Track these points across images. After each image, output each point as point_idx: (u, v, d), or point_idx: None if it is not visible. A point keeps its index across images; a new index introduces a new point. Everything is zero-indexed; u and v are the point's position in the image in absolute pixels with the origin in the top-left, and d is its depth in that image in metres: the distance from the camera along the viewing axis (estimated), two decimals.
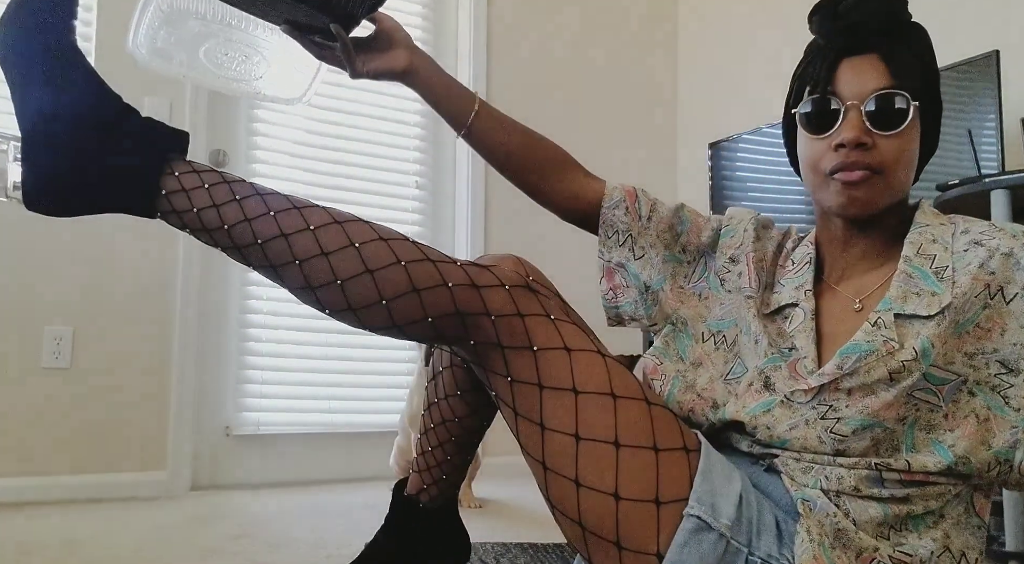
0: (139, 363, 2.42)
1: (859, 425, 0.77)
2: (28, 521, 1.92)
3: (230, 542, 1.68)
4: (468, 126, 1.06)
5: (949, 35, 2.33)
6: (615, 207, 1.04)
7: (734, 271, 0.98)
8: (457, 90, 1.07)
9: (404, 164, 2.99)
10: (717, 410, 0.89)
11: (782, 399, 0.83)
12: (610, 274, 1.06)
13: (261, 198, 0.86)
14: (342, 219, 0.85)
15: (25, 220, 2.31)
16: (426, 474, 1.13)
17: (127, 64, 2.49)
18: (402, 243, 0.85)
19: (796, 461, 0.81)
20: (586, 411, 0.79)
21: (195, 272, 2.51)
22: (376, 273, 0.82)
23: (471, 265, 0.86)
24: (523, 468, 0.87)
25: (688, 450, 0.79)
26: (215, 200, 0.85)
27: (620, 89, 3.40)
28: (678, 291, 1.02)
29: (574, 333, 0.84)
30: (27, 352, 2.29)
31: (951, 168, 2.09)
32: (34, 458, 2.26)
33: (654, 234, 1.03)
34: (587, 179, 1.07)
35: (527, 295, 0.85)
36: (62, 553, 1.57)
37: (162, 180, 0.85)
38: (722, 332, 0.96)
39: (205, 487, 2.52)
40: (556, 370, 0.80)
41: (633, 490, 0.76)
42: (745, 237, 0.99)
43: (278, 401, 2.69)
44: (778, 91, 2.95)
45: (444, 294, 0.82)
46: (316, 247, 0.83)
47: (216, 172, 0.87)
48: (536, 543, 1.65)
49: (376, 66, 1.05)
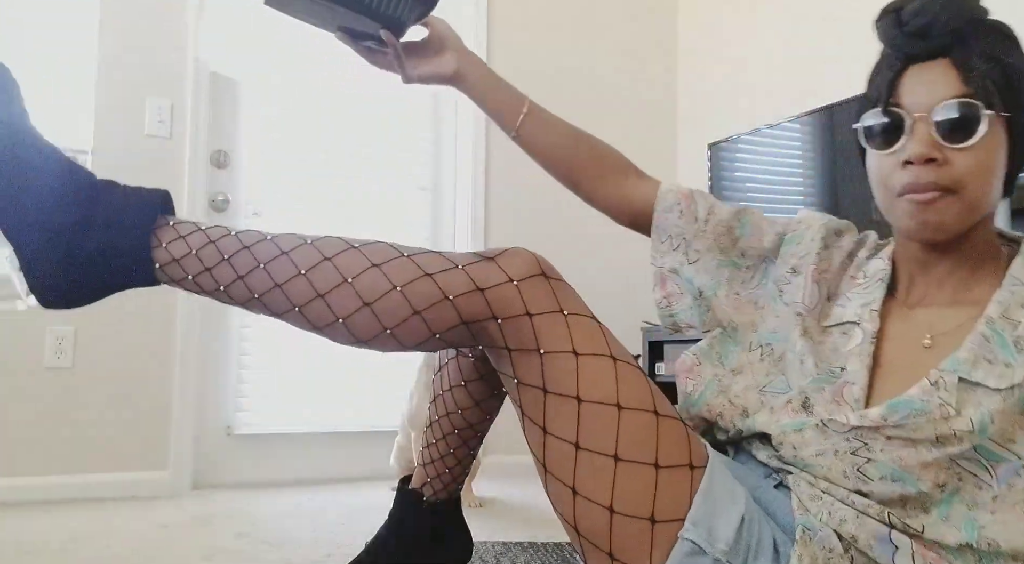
0: (141, 363, 2.42)
1: (888, 474, 0.73)
2: (28, 521, 1.92)
3: (231, 541, 1.68)
4: (518, 128, 1.05)
5: None
6: (668, 211, 1.00)
7: (794, 283, 0.92)
8: (506, 93, 1.06)
9: (404, 164, 2.99)
10: (747, 418, 0.87)
11: (817, 423, 0.78)
12: (663, 281, 1.01)
13: (249, 251, 0.85)
14: (332, 253, 0.84)
15: None
16: (430, 467, 1.13)
17: (126, 65, 2.50)
18: (397, 263, 0.83)
19: (809, 485, 0.78)
20: (588, 421, 0.76)
21: None
22: (374, 305, 0.81)
23: (476, 262, 0.83)
24: (523, 467, 0.88)
25: (692, 467, 0.77)
26: (206, 264, 0.85)
27: (620, 89, 3.40)
28: (733, 298, 0.97)
29: (587, 331, 0.80)
30: (29, 352, 2.29)
31: None
32: (35, 457, 2.27)
33: (711, 237, 0.98)
34: (639, 181, 1.04)
35: (538, 286, 0.81)
36: (62, 553, 1.57)
37: (153, 254, 0.85)
38: (771, 345, 0.92)
39: (206, 487, 2.53)
40: (562, 375, 0.78)
41: (628, 506, 0.74)
42: (811, 247, 0.92)
43: (279, 401, 2.70)
44: (778, 91, 2.95)
45: (447, 308, 0.81)
46: (311, 290, 0.83)
47: (202, 232, 0.86)
48: (536, 543, 1.65)
49: (425, 71, 1.05)
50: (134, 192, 0.88)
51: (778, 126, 2.69)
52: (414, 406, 2.22)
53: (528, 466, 3.27)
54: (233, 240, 0.86)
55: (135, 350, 2.42)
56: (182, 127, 2.53)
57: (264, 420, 2.67)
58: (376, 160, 2.93)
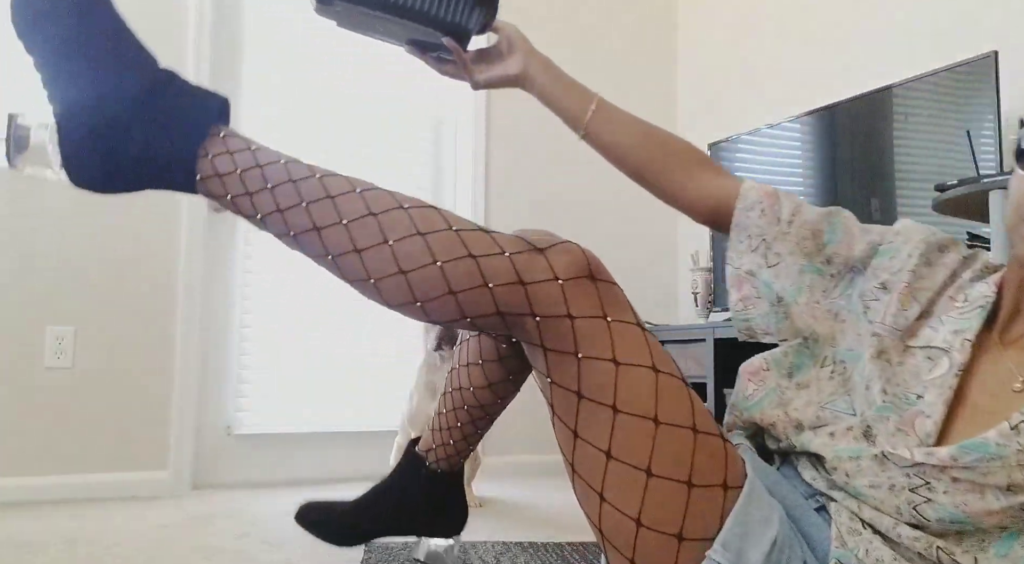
0: (141, 362, 2.42)
1: (947, 517, 0.69)
2: (28, 521, 1.92)
3: (231, 541, 1.68)
4: (586, 126, 1.04)
5: (948, 35, 2.33)
6: (749, 209, 0.94)
7: (882, 301, 0.85)
8: (574, 91, 1.05)
9: (404, 164, 2.99)
10: (800, 433, 0.83)
11: (877, 453, 0.74)
12: (739, 284, 0.95)
13: (294, 186, 0.81)
14: (378, 210, 0.79)
15: (26, 220, 2.32)
16: (437, 435, 1.15)
17: None
18: (443, 236, 0.78)
19: (850, 518, 0.75)
20: (623, 432, 0.73)
21: (197, 272, 2.52)
22: (410, 274, 0.77)
23: (524, 252, 0.78)
24: (523, 467, 0.87)
25: (727, 487, 0.73)
26: (248, 188, 0.81)
27: (620, 89, 3.40)
28: (812, 306, 0.90)
29: (631, 340, 0.76)
30: (29, 352, 2.29)
31: (949, 169, 2.09)
32: (35, 457, 2.27)
33: (794, 240, 0.91)
34: (719, 177, 0.99)
35: (584, 289, 0.77)
36: (63, 553, 1.57)
37: (197, 164, 0.82)
38: (845, 363, 0.86)
39: (206, 486, 2.53)
40: (600, 382, 0.74)
41: (656, 521, 0.72)
42: (907, 262, 0.85)
43: (279, 401, 2.70)
44: (778, 92, 2.95)
45: (484, 295, 0.76)
46: (349, 243, 0.79)
47: (250, 152, 0.83)
48: (536, 543, 1.65)
49: (491, 75, 1.06)
50: (192, 93, 0.84)
51: (778, 126, 2.69)
52: (414, 406, 2.22)
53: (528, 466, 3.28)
54: (280, 169, 0.82)
55: (135, 350, 2.42)
56: None
57: (264, 420, 2.67)
58: (376, 160, 2.93)
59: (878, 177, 2.30)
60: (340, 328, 2.80)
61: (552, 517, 2.03)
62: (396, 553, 1.51)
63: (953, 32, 2.33)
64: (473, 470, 2.28)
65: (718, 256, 2.90)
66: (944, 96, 2.12)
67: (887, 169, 2.28)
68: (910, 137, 2.22)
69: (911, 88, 2.22)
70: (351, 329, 2.83)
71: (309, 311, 2.76)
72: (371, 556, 1.49)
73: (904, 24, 2.50)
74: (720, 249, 2.90)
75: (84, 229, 2.39)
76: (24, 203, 2.31)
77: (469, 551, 1.55)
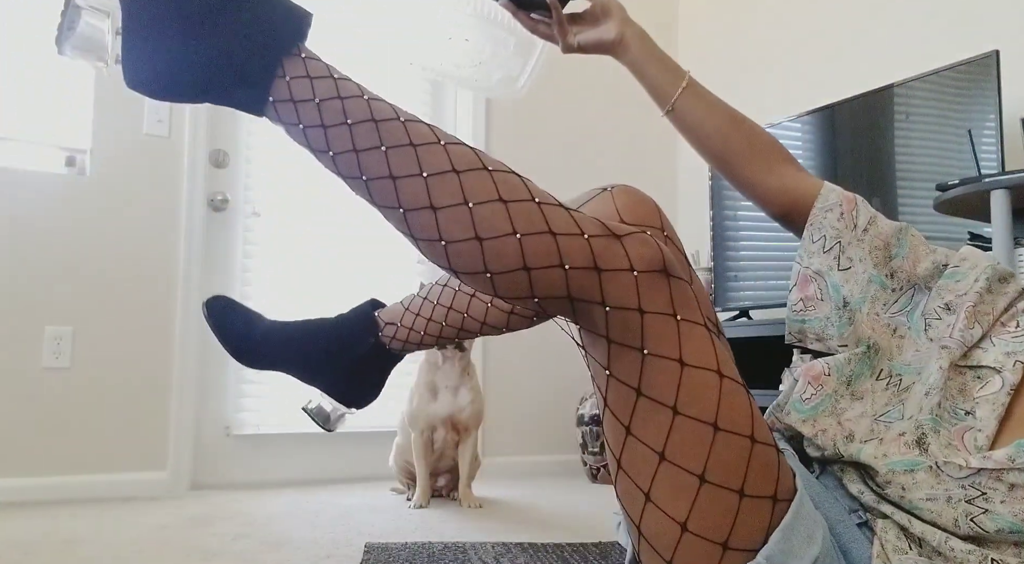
0: (139, 363, 2.42)
1: (1007, 527, 0.69)
2: (28, 521, 1.92)
3: (230, 542, 1.68)
4: (673, 103, 1.02)
5: (949, 35, 2.33)
6: (828, 209, 0.93)
7: (945, 320, 0.85)
8: (666, 65, 1.03)
9: None
10: (850, 443, 0.82)
11: (932, 465, 0.73)
12: (805, 283, 0.93)
13: (375, 125, 0.74)
14: (462, 167, 0.74)
15: (26, 220, 2.31)
16: (409, 317, 1.10)
17: None
18: (525, 207, 0.73)
19: (897, 537, 0.74)
20: (680, 435, 0.71)
21: (196, 271, 2.52)
22: (486, 242, 0.72)
23: (602, 236, 0.73)
24: (523, 467, 0.86)
25: (776, 500, 0.72)
26: (324, 121, 0.75)
27: (620, 89, 3.40)
28: (873, 317, 0.90)
29: (698, 342, 0.73)
30: (27, 352, 2.29)
31: (951, 168, 2.09)
32: (34, 458, 2.26)
33: (867, 248, 0.91)
34: (800, 173, 0.98)
35: (657, 284, 0.72)
36: (62, 553, 1.57)
37: (272, 85, 0.75)
38: (901, 376, 0.86)
39: (205, 487, 2.52)
40: (662, 381, 0.71)
41: (703, 528, 0.70)
42: (974, 286, 0.86)
43: (278, 401, 2.70)
44: (778, 91, 2.95)
45: (558, 276, 0.72)
46: (426, 198, 0.73)
47: (331, 79, 0.76)
48: (536, 543, 1.65)
49: (587, 39, 1.04)
50: (278, 2, 0.76)
51: (778, 126, 2.69)
52: (414, 406, 2.22)
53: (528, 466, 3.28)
54: (362, 105, 0.75)
55: (134, 350, 2.42)
56: (181, 126, 2.53)
57: (263, 420, 2.66)
58: None
59: (879, 177, 2.30)
60: None
61: (552, 517, 2.02)
62: (395, 554, 1.51)
63: (954, 31, 2.32)
64: (473, 470, 2.28)
65: (718, 256, 2.90)
66: (945, 95, 2.12)
67: (888, 169, 2.28)
68: (911, 136, 2.22)
69: (912, 87, 2.21)
70: None
71: (309, 311, 2.75)
72: (371, 556, 1.49)
73: (905, 23, 2.50)
74: (720, 250, 2.90)
75: (83, 229, 2.38)
76: (23, 203, 2.31)
77: (469, 551, 1.55)
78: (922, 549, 0.73)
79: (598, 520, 1.99)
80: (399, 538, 1.70)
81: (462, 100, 3.09)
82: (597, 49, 1.05)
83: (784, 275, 2.70)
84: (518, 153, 3.09)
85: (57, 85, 2.42)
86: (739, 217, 2.89)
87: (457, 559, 1.48)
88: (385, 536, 1.73)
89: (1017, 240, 1.71)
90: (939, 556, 0.72)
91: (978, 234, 1.93)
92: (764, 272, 2.76)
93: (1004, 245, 1.65)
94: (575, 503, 2.29)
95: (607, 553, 1.54)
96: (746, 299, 2.78)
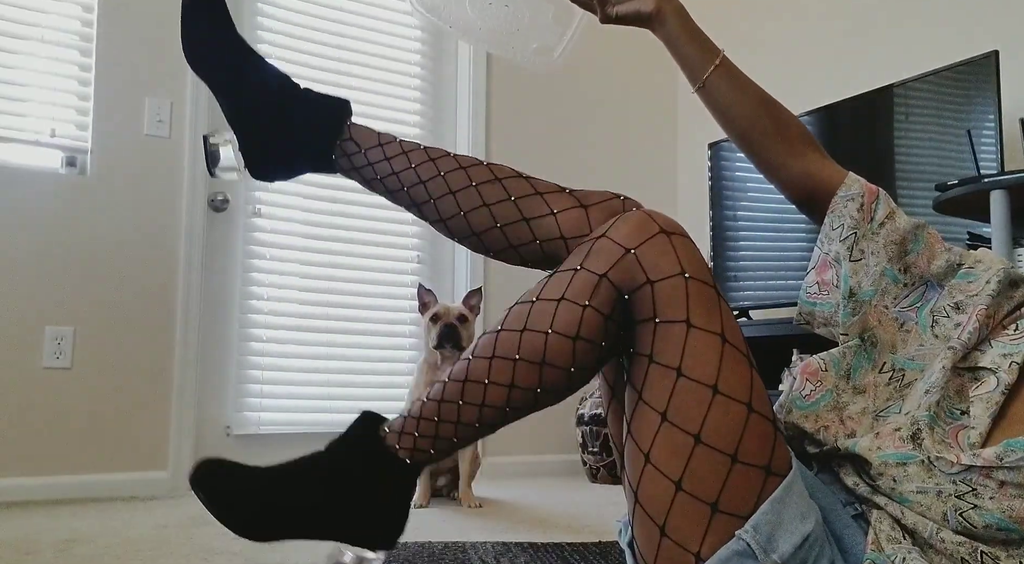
0: (140, 363, 2.42)
1: (995, 523, 0.71)
2: (28, 521, 1.92)
3: (230, 542, 1.68)
4: (704, 80, 1.03)
5: (949, 35, 2.33)
6: (850, 199, 0.94)
7: (953, 319, 0.87)
8: (701, 40, 1.05)
9: None
10: (849, 439, 0.83)
11: (924, 459, 0.75)
12: (824, 267, 0.94)
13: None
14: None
15: (26, 220, 2.31)
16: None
17: (126, 65, 2.50)
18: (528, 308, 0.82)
19: (891, 527, 0.76)
20: (681, 396, 0.75)
21: (196, 272, 2.52)
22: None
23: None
24: (523, 467, 0.86)
25: (770, 472, 0.74)
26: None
27: (620, 89, 3.40)
28: (881, 310, 0.91)
29: (704, 302, 0.77)
30: (28, 352, 2.29)
31: (950, 168, 2.09)
32: (35, 458, 2.27)
33: (881, 242, 0.92)
34: (825, 161, 1.00)
35: (660, 246, 0.79)
36: (62, 553, 1.57)
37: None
38: (904, 371, 0.88)
39: None
40: (669, 345, 0.76)
41: (695, 487, 0.74)
42: (985, 289, 0.86)
43: (278, 401, 2.70)
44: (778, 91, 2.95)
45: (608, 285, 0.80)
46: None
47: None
48: (536, 543, 1.65)
49: (625, 10, 1.04)
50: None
51: None
52: None
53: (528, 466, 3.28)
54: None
55: (134, 350, 2.42)
56: (181, 127, 2.53)
57: (264, 420, 2.66)
58: None
59: (879, 176, 2.30)
60: (340, 328, 2.80)
61: (552, 517, 2.02)
62: (396, 553, 1.51)
63: (954, 31, 2.33)
64: (473, 470, 2.28)
65: (718, 256, 2.90)
66: (945, 95, 2.12)
67: (888, 168, 2.28)
68: (911, 136, 2.22)
69: (912, 88, 2.22)
70: (351, 329, 2.82)
71: (309, 311, 2.76)
72: None
73: (905, 23, 2.50)
74: (720, 250, 2.91)
75: (83, 229, 2.38)
76: (22, 203, 2.31)
77: (469, 551, 1.55)
78: (915, 540, 0.75)
79: (598, 520, 1.99)
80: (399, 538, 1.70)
81: (461, 103, 3.09)
82: (635, 21, 1.05)
83: (784, 275, 2.70)
84: (517, 153, 3.09)
85: (57, 85, 2.42)
86: (739, 217, 2.90)
87: (457, 559, 1.48)
88: None
89: (1016, 240, 1.71)
90: (930, 548, 0.74)
91: (977, 234, 1.93)
92: (764, 272, 2.76)
93: (1003, 245, 1.65)
94: (575, 503, 2.29)
95: (607, 553, 1.54)
96: (746, 299, 2.79)
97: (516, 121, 3.14)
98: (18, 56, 2.38)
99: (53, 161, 2.42)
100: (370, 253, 2.90)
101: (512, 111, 3.14)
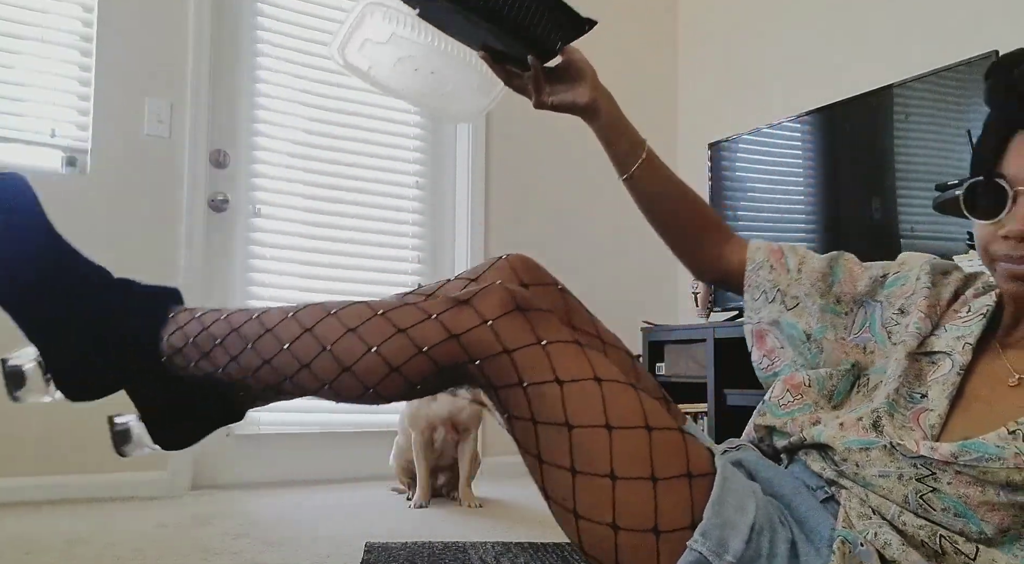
0: None
1: (951, 507, 0.73)
2: (28, 521, 1.92)
3: (230, 542, 1.68)
4: (632, 172, 1.06)
5: (949, 35, 2.33)
6: (759, 268, 1.01)
7: (902, 324, 0.91)
8: (629, 135, 1.07)
9: (404, 164, 2.99)
10: (814, 427, 0.86)
11: (885, 444, 0.77)
12: (761, 338, 1.01)
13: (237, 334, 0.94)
14: (311, 324, 0.88)
15: None
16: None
17: (126, 65, 2.50)
18: (372, 324, 0.84)
19: (860, 504, 0.78)
20: (580, 445, 0.77)
21: (196, 273, 2.52)
22: (354, 368, 0.84)
23: (450, 309, 0.83)
24: (523, 468, 0.87)
25: (692, 476, 0.76)
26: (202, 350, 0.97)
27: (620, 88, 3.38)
28: (840, 342, 0.96)
29: (568, 358, 0.80)
30: None
31: (950, 168, 2.09)
32: (35, 458, 2.26)
33: (807, 283, 0.98)
34: (730, 243, 1.06)
35: (515, 322, 0.81)
36: (63, 553, 1.57)
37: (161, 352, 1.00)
38: (868, 377, 0.92)
39: (205, 487, 2.53)
40: (549, 405, 0.78)
41: (631, 521, 0.75)
42: (918, 285, 0.91)
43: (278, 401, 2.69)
44: (778, 91, 2.95)
45: (422, 361, 0.82)
46: (295, 362, 0.88)
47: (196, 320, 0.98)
48: (536, 543, 1.65)
49: (560, 100, 1.06)
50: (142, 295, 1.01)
51: (778, 126, 2.69)
52: (414, 406, 2.22)
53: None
54: (223, 324, 0.95)
55: None
56: (181, 127, 2.53)
57: (263, 420, 2.66)
58: (376, 160, 2.92)
59: (878, 177, 2.30)
60: None
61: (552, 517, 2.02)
62: (395, 553, 1.51)
63: (953, 32, 2.33)
64: (473, 469, 2.28)
65: None
66: (944, 95, 2.12)
67: (887, 169, 2.28)
68: (910, 137, 2.22)
69: (911, 88, 2.22)
70: None
71: None
72: (371, 555, 1.49)
73: (904, 24, 2.50)
74: None
75: (83, 229, 2.38)
76: None
77: (469, 551, 1.55)
78: (883, 519, 0.76)
79: None
80: (399, 537, 1.70)
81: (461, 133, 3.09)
82: (569, 110, 1.08)
83: None
84: (518, 153, 3.09)
85: (57, 86, 2.42)
86: (738, 218, 2.90)
87: (457, 559, 1.48)
88: (385, 535, 1.74)
89: None
90: (894, 529, 0.75)
91: None
92: None
93: None
94: None
95: None
96: None
97: (516, 121, 3.14)
98: (18, 56, 2.38)
99: (53, 161, 2.42)
100: (370, 253, 2.90)
101: (511, 110, 3.14)
